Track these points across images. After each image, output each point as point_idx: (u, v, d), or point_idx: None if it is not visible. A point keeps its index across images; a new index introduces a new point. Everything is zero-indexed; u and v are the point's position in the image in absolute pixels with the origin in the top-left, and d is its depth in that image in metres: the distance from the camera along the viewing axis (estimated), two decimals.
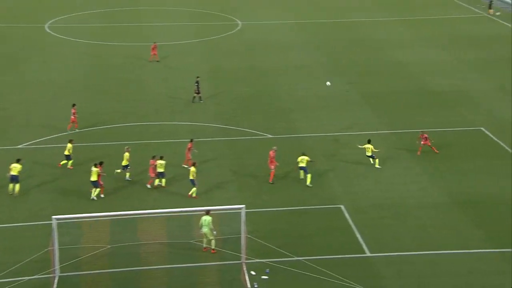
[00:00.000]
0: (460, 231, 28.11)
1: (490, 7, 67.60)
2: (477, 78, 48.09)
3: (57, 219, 24.37)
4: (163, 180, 31.20)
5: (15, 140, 36.79)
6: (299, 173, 32.15)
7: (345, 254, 26.29)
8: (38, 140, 36.84)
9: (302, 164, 31.71)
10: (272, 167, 31.74)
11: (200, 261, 25.65)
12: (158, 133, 37.95)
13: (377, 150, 33.62)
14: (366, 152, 33.57)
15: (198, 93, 42.47)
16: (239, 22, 63.87)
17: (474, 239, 27.48)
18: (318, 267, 25.01)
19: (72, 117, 37.49)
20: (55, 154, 34.88)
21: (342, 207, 29.88)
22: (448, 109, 42.09)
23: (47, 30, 60.89)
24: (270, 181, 31.67)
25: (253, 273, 24.85)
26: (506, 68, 50.42)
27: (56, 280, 24.28)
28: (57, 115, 40.34)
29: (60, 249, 24.56)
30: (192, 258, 25.82)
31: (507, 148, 36.25)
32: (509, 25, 63.08)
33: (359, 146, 34.07)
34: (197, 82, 42.57)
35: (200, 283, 24.40)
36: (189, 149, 33.03)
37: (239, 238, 25.37)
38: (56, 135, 37.39)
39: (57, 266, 24.46)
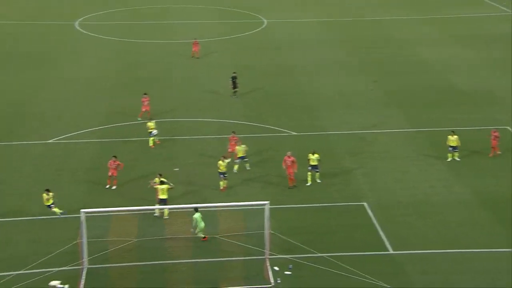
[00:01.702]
0: (484, 229, 28.10)
1: None
2: (502, 76, 47.70)
3: (85, 212, 25.03)
4: (166, 211, 28.77)
5: (46, 135, 37.66)
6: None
7: (367, 251, 26.47)
8: (68, 135, 37.67)
9: (313, 163, 31.51)
10: (291, 172, 31.11)
11: (224, 256, 26.08)
12: (188, 129, 38.38)
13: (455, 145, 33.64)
14: (450, 143, 33.67)
15: (235, 87, 42.95)
16: (265, 20, 64.17)
17: (498, 238, 27.44)
18: (341, 264, 25.27)
19: (146, 105, 39.09)
20: (85, 148, 35.72)
21: (365, 204, 30.08)
22: (473, 107, 41.89)
23: (77, 27, 61.93)
24: (290, 185, 31.27)
25: (276, 268, 25.16)
26: None
27: (84, 272, 24.94)
28: (88, 111, 41.18)
29: (89, 242, 25.23)
30: (216, 253, 26.24)
31: None
32: None
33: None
34: (233, 77, 43.08)
35: (224, 278, 24.82)
36: (231, 141, 33.66)
37: (263, 234, 25.71)
38: (86, 130, 38.18)
39: (85, 258, 25.13)
